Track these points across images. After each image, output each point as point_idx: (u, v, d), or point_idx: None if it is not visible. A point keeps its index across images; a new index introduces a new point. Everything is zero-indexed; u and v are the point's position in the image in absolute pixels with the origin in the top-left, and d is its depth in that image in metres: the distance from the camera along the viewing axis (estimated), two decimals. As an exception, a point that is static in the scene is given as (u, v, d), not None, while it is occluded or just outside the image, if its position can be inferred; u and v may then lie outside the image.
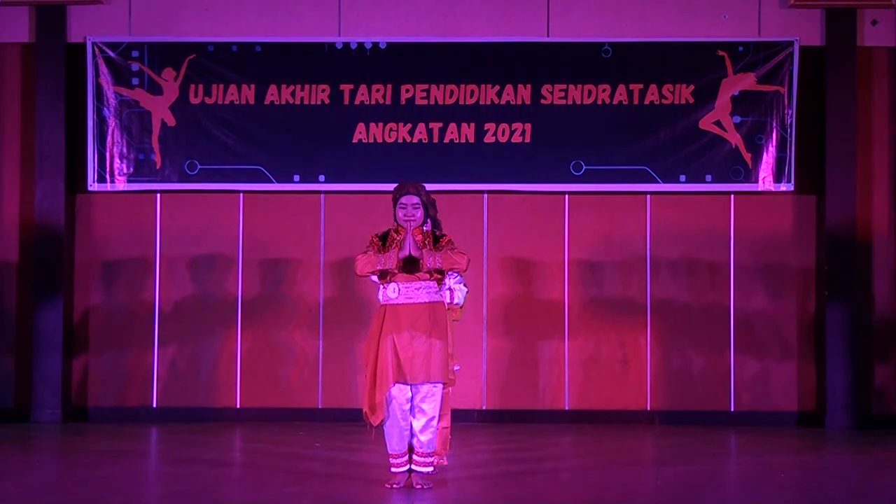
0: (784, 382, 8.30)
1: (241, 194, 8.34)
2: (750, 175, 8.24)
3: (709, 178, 8.26)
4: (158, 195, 8.37)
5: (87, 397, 8.26)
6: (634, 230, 8.33)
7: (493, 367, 8.34)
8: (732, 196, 8.32)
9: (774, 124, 8.24)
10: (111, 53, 8.30)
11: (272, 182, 8.28)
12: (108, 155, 8.32)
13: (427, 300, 5.14)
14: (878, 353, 8.33)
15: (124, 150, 8.33)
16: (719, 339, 8.33)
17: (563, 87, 8.31)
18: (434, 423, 5.14)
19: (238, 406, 8.18)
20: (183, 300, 8.21)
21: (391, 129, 8.34)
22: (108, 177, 8.30)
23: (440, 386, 5.13)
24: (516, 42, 8.35)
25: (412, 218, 5.14)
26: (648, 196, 8.35)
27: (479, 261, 8.32)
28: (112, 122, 8.31)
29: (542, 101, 8.32)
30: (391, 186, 8.12)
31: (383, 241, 5.20)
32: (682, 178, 8.28)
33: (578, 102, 8.30)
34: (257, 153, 8.31)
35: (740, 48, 8.22)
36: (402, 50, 8.33)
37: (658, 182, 8.29)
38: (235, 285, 8.25)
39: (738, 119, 8.24)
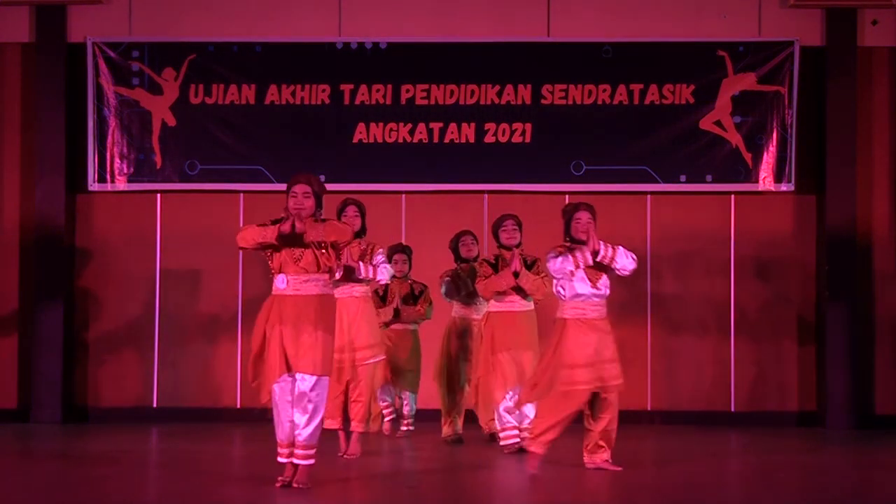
0: (784, 382, 8.33)
1: (242, 194, 8.35)
2: (750, 175, 8.26)
3: (709, 178, 8.29)
4: (159, 195, 8.39)
5: (87, 397, 8.28)
6: (635, 230, 8.33)
7: None
8: (733, 196, 8.34)
9: (775, 124, 8.26)
10: (111, 53, 8.35)
11: (272, 182, 8.27)
12: (108, 155, 8.36)
13: (316, 292, 5.10)
14: (879, 354, 8.33)
15: (125, 150, 8.37)
16: (719, 338, 8.34)
17: (564, 87, 8.33)
18: (318, 416, 5.12)
19: (238, 406, 8.18)
20: (183, 300, 8.21)
21: (391, 129, 8.36)
22: (108, 177, 8.32)
23: (325, 379, 5.12)
24: (516, 42, 8.37)
25: (302, 206, 5.13)
26: (649, 196, 8.37)
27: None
28: (112, 122, 8.35)
29: (543, 101, 8.35)
30: (392, 186, 8.34)
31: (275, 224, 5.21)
32: (683, 178, 8.31)
33: (579, 102, 8.32)
34: (257, 153, 8.32)
35: (741, 48, 8.25)
36: (402, 50, 8.36)
37: (658, 182, 8.31)
38: (236, 285, 8.26)
39: (738, 119, 8.27)
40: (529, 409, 6.40)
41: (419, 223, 8.42)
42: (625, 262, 5.71)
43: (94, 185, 8.31)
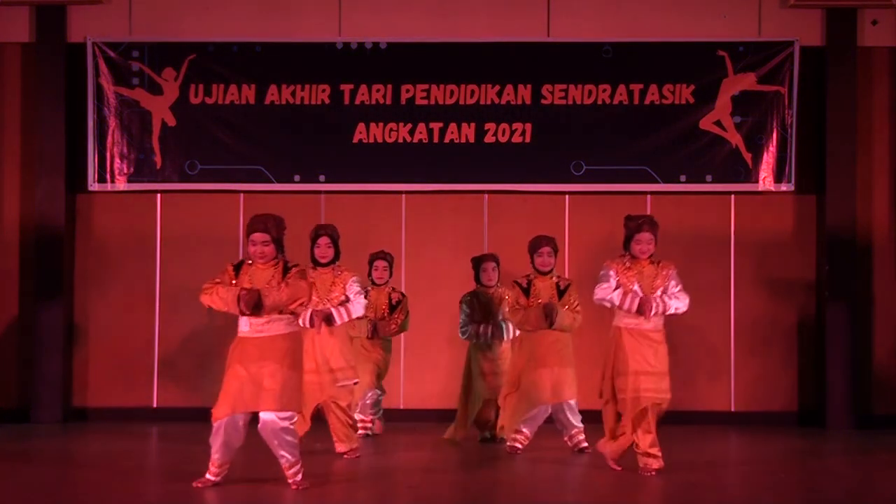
0: (784, 382, 8.32)
1: (242, 194, 8.36)
2: (750, 175, 8.26)
3: (709, 178, 8.28)
4: (159, 195, 8.39)
5: (88, 397, 8.28)
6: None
7: None
8: (733, 196, 8.33)
9: (775, 124, 8.26)
10: (111, 53, 8.34)
11: (272, 182, 8.30)
12: (108, 155, 8.36)
13: (281, 332, 5.26)
14: (878, 354, 8.33)
15: (125, 150, 8.37)
16: (719, 338, 8.36)
17: (564, 87, 8.33)
18: (297, 444, 5.31)
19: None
20: (183, 300, 8.17)
21: (391, 129, 8.36)
22: (108, 177, 8.33)
23: (292, 415, 5.27)
24: (516, 42, 8.37)
25: (262, 255, 5.31)
26: (649, 196, 8.36)
27: None
28: (112, 122, 8.34)
29: (543, 101, 8.35)
30: (392, 186, 8.35)
31: (237, 271, 5.37)
32: (683, 178, 8.30)
33: (579, 102, 8.32)
34: (257, 153, 8.33)
35: (741, 48, 8.24)
36: (402, 50, 8.36)
37: (658, 182, 8.31)
38: (236, 285, 8.26)
39: (738, 119, 8.27)
40: (577, 419, 6.62)
41: (419, 223, 8.43)
42: (674, 310, 5.88)
43: (94, 185, 8.31)
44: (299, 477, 5.30)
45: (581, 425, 6.70)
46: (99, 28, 8.30)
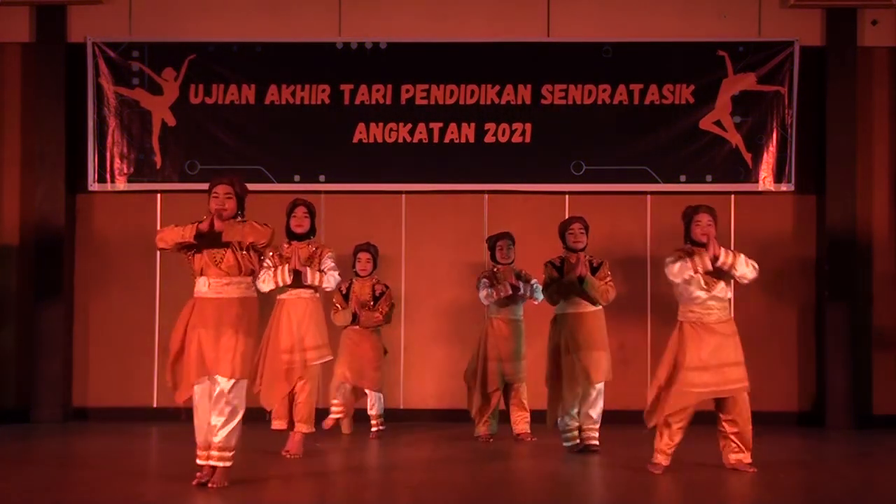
0: (784, 382, 8.31)
1: None
2: (750, 175, 8.28)
3: (709, 178, 8.29)
4: (159, 195, 8.39)
5: (88, 397, 8.30)
6: (635, 230, 8.36)
7: None
8: (733, 196, 8.34)
9: (775, 124, 8.28)
10: (111, 53, 8.37)
11: (272, 182, 8.29)
12: (108, 155, 8.38)
13: (237, 295, 5.17)
14: (878, 354, 8.33)
15: (124, 150, 8.39)
16: None
17: (564, 87, 8.34)
18: (235, 419, 5.15)
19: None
20: (183, 300, 8.10)
21: (391, 129, 8.37)
22: (108, 177, 8.34)
23: (243, 382, 5.17)
24: (516, 42, 8.38)
25: (223, 207, 5.22)
26: (649, 196, 8.38)
27: (480, 261, 8.29)
28: (112, 122, 8.36)
29: (543, 101, 8.36)
30: (392, 186, 8.34)
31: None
32: (683, 178, 8.31)
33: (579, 102, 8.33)
34: (257, 153, 8.33)
35: (740, 48, 8.26)
36: (402, 50, 8.37)
37: (658, 182, 8.32)
38: (235, 285, 8.25)
39: (738, 119, 8.28)
40: (596, 411, 6.61)
41: (419, 223, 8.44)
42: (744, 269, 5.71)
43: (94, 185, 8.33)
44: (226, 463, 5.17)
45: (598, 417, 6.64)
46: (99, 28, 8.32)
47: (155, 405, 8.25)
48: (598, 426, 6.66)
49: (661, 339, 8.10)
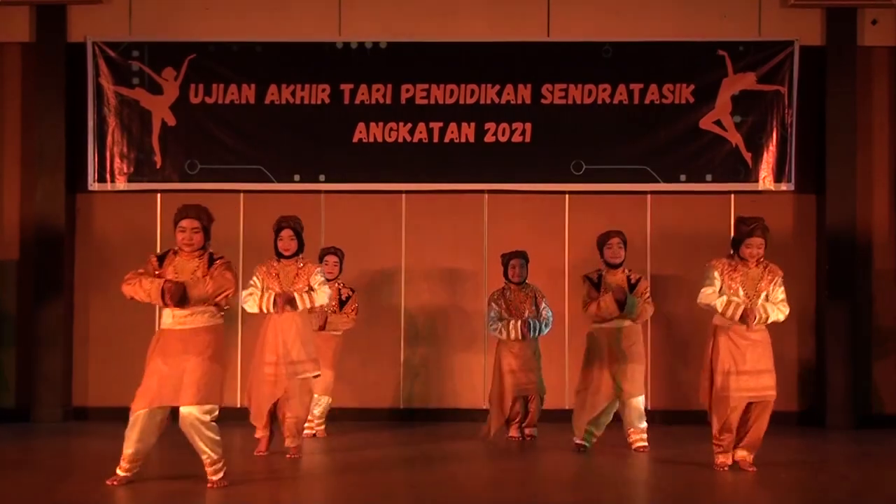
0: (784, 382, 7.97)
1: (242, 194, 8.39)
2: (750, 174, 8.30)
3: (709, 177, 8.33)
4: (159, 195, 8.42)
5: (88, 397, 8.32)
6: (635, 229, 8.29)
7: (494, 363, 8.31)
8: (733, 195, 8.36)
9: (775, 124, 8.30)
10: (111, 53, 8.40)
11: (272, 182, 8.35)
12: (108, 154, 8.44)
13: (202, 325, 5.28)
14: (878, 353, 8.33)
15: (124, 149, 8.43)
16: None
17: (564, 86, 8.37)
18: (215, 437, 5.28)
19: (238, 406, 8.19)
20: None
21: (391, 129, 8.40)
22: (108, 176, 8.36)
23: (212, 407, 5.26)
24: (516, 42, 8.40)
25: (191, 242, 5.35)
26: (649, 195, 8.40)
27: (480, 260, 8.43)
28: (112, 122, 8.42)
29: (543, 101, 8.38)
30: (391, 186, 8.34)
31: (161, 262, 5.39)
32: (683, 177, 8.34)
33: (579, 102, 8.36)
34: (258, 153, 8.37)
35: (741, 48, 8.28)
36: (402, 49, 8.40)
37: (658, 182, 8.34)
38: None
39: (738, 119, 8.30)
40: (641, 423, 6.70)
41: (419, 223, 8.49)
42: (777, 317, 6.01)
43: (94, 185, 8.38)
44: (219, 476, 5.31)
45: (644, 425, 6.73)
46: (99, 28, 8.35)
47: None
48: (644, 432, 6.74)
49: (661, 337, 8.35)
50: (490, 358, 8.23)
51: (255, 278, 6.45)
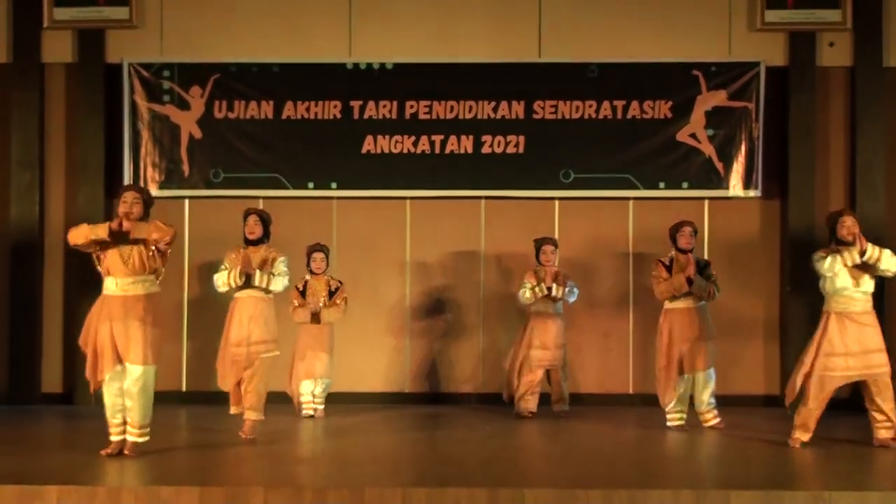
0: (751, 368, 8.44)
1: (261, 199, 8.44)
2: (722, 182, 8.44)
3: (685, 185, 8.48)
4: (187, 200, 8.59)
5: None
6: (619, 232, 8.51)
7: (489, 352, 8.62)
8: (706, 201, 8.50)
9: (743, 136, 8.43)
10: (145, 73, 8.52)
11: (289, 188, 8.50)
12: (141, 164, 8.52)
13: (143, 292, 5.49)
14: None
15: (156, 159, 8.55)
16: None
17: (554, 103, 8.47)
18: (148, 400, 5.51)
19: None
20: (208, 296, 8.08)
21: (397, 141, 8.52)
22: (141, 183, 8.45)
23: (151, 368, 5.50)
24: (510, 63, 8.49)
25: (130, 210, 5.54)
26: (631, 201, 8.54)
27: (477, 259, 8.57)
28: (145, 135, 8.52)
29: (534, 116, 8.48)
30: (397, 193, 8.39)
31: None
32: (661, 185, 8.49)
33: (567, 117, 8.46)
34: (275, 162, 8.49)
35: (713, 68, 8.42)
36: (407, 70, 8.50)
37: (640, 189, 8.48)
38: (258, 281, 8.34)
39: (711, 132, 8.43)
40: (708, 394, 6.89)
41: (422, 226, 8.59)
42: (889, 263, 5.92)
43: None
44: (144, 439, 5.52)
45: (713, 401, 6.90)
46: (134, 50, 8.49)
47: (184, 389, 8.54)
48: (713, 408, 6.95)
49: (643, 329, 8.32)
50: (484, 347, 8.53)
51: (225, 262, 6.56)
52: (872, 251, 5.90)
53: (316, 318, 7.53)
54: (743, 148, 8.50)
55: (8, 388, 8.45)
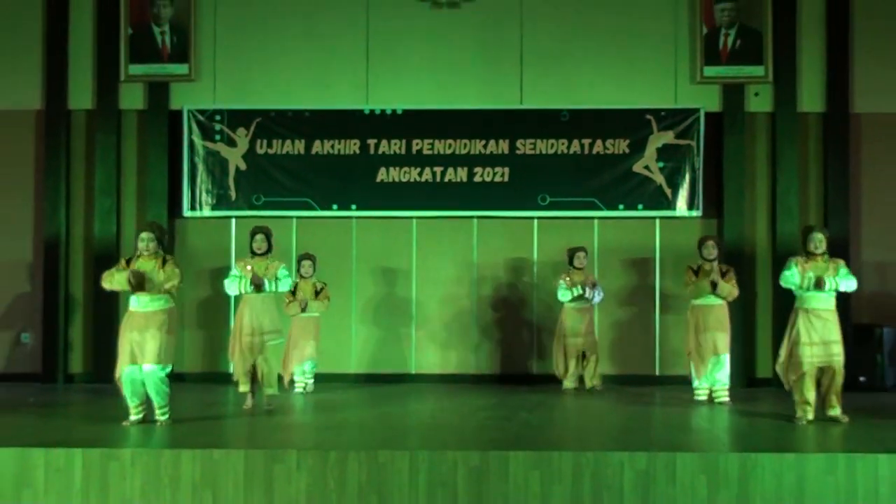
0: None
1: (294, 219, 8.65)
2: (670, 204, 8.58)
3: (640, 206, 8.59)
4: (233, 220, 8.71)
5: (183, 362, 8.46)
6: (586, 245, 8.45)
7: (483, 338, 8.66)
8: (657, 220, 8.62)
9: (687, 168, 8.58)
10: (200, 117, 8.70)
11: (317, 210, 8.63)
12: (197, 191, 8.70)
13: (160, 308, 5.77)
14: (759, 334, 8.51)
15: (209, 186, 8.70)
16: (648, 321, 8.58)
17: (533, 141, 8.58)
18: (165, 389, 5.78)
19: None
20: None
21: (405, 172, 8.63)
22: (197, 206, 8.69)
23: (166, 367, 5.78)
24: (497, 109, 8.63)
25: (148, 249, 5.86)
26: (596, 220, 8.64)
27: (471, 269, 8.65)
28: (200, 167, 8.69)
29: (517, 151, 8.60)
30: (405, 213, 8.57)
31: (128, 263, 5.92)
32: (621, 206, 8.58)
33: (544, 152, 8.59)
34: (306, 189, 8.62)
35: (662, 113, 8.59)
36: (413, 115, 8.64)
37: (603, 210, 8.59)
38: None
39: (661, 164, 8.56)
40: (723, 374, 6.98)
41: (426, 240, 8.66)
42: (847, 287, 6.03)
43: (187, 213, 8.69)
44: (165, 416, 5.80)
45: (727, 381, 6.97)
46: (192, 99, 8.68)
47: (231, 371, 8.42)
48: (727, 387, 7.04)
49: (607, 322, 8.53)
50: (477, 336, 8.58)
51: (235, 269, 6.72)
52: (831, 286, 5.99)
53: (304, 309, 7.59)
54: (687, 177, 8.63)
55: (93, 370, 8.62)
